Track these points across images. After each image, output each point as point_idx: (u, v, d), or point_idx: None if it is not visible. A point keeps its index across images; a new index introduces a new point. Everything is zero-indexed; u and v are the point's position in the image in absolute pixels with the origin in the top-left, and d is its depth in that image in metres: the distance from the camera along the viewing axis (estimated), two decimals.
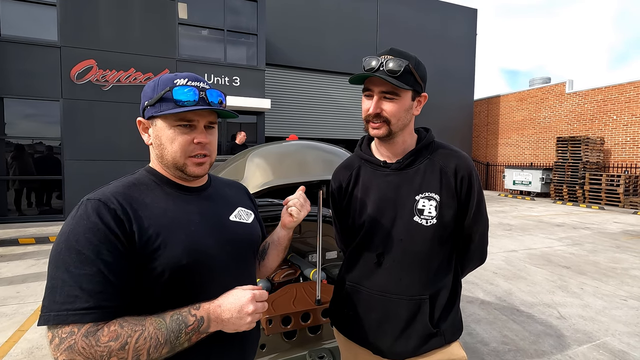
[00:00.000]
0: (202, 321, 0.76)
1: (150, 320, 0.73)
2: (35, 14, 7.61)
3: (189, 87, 0.84)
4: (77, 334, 0.68)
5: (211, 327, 0.78)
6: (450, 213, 1.09)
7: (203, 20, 9.07)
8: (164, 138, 0.86)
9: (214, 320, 0.77)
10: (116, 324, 0.71)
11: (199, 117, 0.86)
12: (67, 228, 0.75)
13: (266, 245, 1.13)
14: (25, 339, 2.90)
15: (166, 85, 0.84)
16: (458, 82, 15.69)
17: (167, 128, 0.85)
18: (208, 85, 0.88)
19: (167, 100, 0.83)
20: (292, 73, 12.74)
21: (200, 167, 0.88)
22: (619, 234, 7.32)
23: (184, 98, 0.83)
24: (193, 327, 0.75)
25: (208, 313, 0.77)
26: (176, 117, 0.84)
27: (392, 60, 1.00)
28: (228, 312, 0.77)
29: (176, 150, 0.85)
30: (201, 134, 0.87)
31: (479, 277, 4.51)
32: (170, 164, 0.88)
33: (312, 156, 1.69)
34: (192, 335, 0.75)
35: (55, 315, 0.69)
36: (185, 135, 0.85)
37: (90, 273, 0.71)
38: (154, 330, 0.72)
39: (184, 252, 0.81)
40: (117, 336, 0.69)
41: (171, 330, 0.73)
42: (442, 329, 1.10)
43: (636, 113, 11.99)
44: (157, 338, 0.72)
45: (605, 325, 3.23)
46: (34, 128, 7.71)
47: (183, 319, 0.75)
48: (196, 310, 0.77)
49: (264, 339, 1.62)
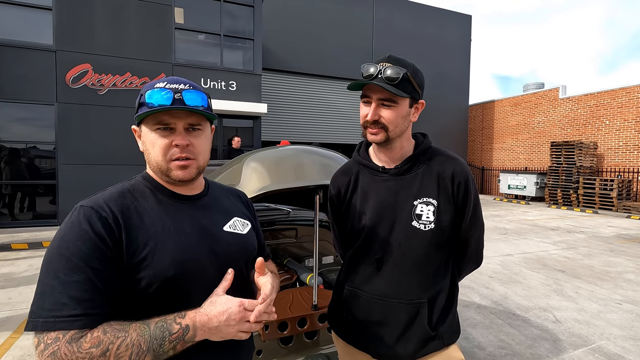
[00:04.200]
0: (187, 329, 0.74)
1: (134, 326, 0.72)
2: (30, 17, 7.58)
3: (165, 89, 0.83)
4: (61, 340, 0.68)
5: (197, 336, 0.75)
6: (448, 218, 1.10)
7: (199, 25, 9.08)
8: (147, 143, 0.86)
9: (200, 329, 0.75)
10: (100, 330, 0.70)
11: (175, 120, 0.84)
12: (60, 234, 0.75)
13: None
14: (17, 346, 2.86)
15: (145, 90, 0.85)
16: (453, 87, 15.84)
17: (149, 132, 0.85)
18: (191, 87, 0.86)
19: (143, 105, 0.84)
20: (289, 78, 12.78)
21: (184, 171, 0.85)
22: (613, 237, 7.38)
23: (155, 101, 0.82)
24: (177, 335, 0.73)
25: (194, 321, 0.75)
26: (154, 120, 0.84)
27: (390, 68, 1.01)
28: (215, 319, 0.75)
29: (157, 154, 0.85)
30: (179, 135, 0.85)
31: (475, 281, 4.52)
32: (156, 168, 0.87)
33: (309, 161, 1.69)
34: (176, 343, 0.73)
35: (44, 322, 0.68)
36: (163, 138, 0.84)
37: (79, 280, 0.71)
38: (136, 337, 0.71)
39: (172, 263, 0.80)
40: (98, 342, 0.68)
41: (154, 337, 0.72)
42: (440, 332, 1.11)
43: (628, 118, 12.14)
44: (139, 345, 0.70)
45: (601, 329, 3.24)
46: (28, 132, 7.64)
47: (167, 326, 0.73)
48: (181, 319, 0.75)
49: (260, 345, 1.61)
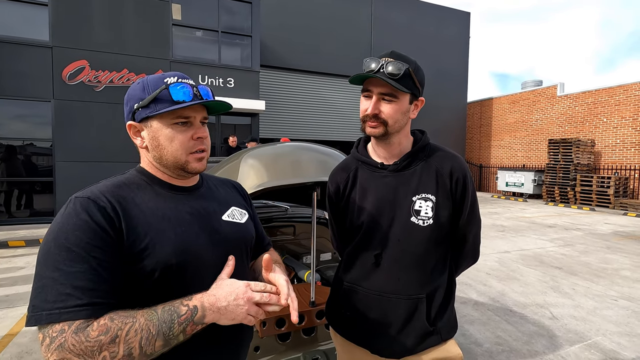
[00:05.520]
0: (195, 310, 0.73)
1: (141, 312, 0.71)
2: (26, 13, 7.52)
3: (183, 84, 0.84)
4: (67, 331, 0.66)
5: (207, 317, 0.74)
6: (446, 214, 1.10)
7: (197, 21, 9.03)
8: (162, 138, 0.85)
9: (209, 309, 0.74)
10: (106, 318, 0.69)
11: (195, 113, 0.87)
12: (56, 226, 0.73)
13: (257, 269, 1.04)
14: (15, 343, 2.85)
15: (157, 85, 0.84)
16: (451, 84, 15.82)
17: (164, 127, 0.84)
18: (194, 83, 0.90)
19: (162, 100, 0.83)
20: (287, 75, 12.74)
21: (200, 163, 0.89)
22: (610, 234, 7.42)
23: (181, 96, 0.83)
24: (186, 316, 0.72)
25: (202, 302, 0.75)
26: (173, 115, 0.84)
27: (392, 63, 1.01)
28: (224, 299, 0.75)
29: (177, 149, 0.85)
30: (199, 129, 0.88)
31: (473, 278, 4.54)
32: (171, 163, 0.87)
33: (307, 157, 1.69)
34: (186, 325, 0.72)
35: (48, 314, 0.67)
36: (184, 132, 0.85)
37: (82, 270, 0.70)
38: (144, 322, 0.70)
39: (173, 251, 0.80)
40: (106, 330, 0.67)
41: (163, 321, 0.71)
42: (438, 327, 1.12)
43: (625, 116, 12.18)
44: (148, 329, 0.69)
45: (597, 325, 3.26)
46: (24, 129, 7.60)
47: (175, 309, 0.73)
48: (188, 301, 0.75)
49: (258, 342, 1.61)
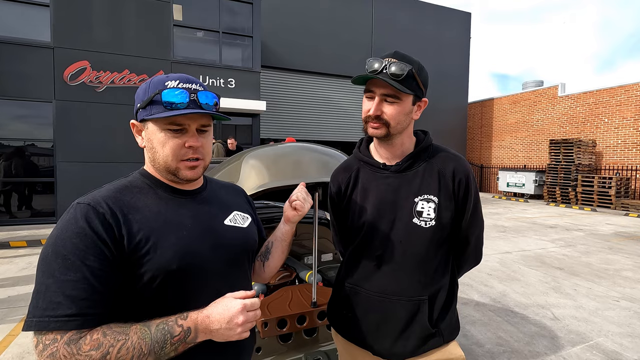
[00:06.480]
0: (189, 332, 0.74)
1: (134, 329, 0.71)
2: (28, 14, 7.53)
3: (180, 89, 0.82)
4: (59, 341, 0.67)
5: (199, 338, 0.75)
6: (448, 215, 1.10)
7: (198, 22, 9.04)
8: (155, 141, 0.84)
9: (202, 331, 0.75)
10: (99, 332, 0.69)
11: (189, 121, 0.84)
12: (56, 232, 0.74)
13: (269, 245, 1.11)
14: (16, 344, 2.86)
15: (157, 88, 0.82)
16: (452, 84, 15.82)
17: (158, 131, 0.83)
18: (202, 87, 0.86)
19: (157, 103, 0.81)
20: (288, 75, 12.75)
21: (193, 171, 0.87)
22: (611, 235, 7.40)
23: (174, 100, 0.81)
24: (179, 337, 0.73)
25: (196, 324, 0.75)
26: (166, 120, 0.82)
27: (396, 64, 1.00)
28: (217, 322, 0.75)
29: (167, 154, 0.84)
30: (192, 137, 0.85)
31: (474, 278, 4.54)
32: (162, 167, 0.86)
33: (308, 158, 1.69)
34: (178, 345, 0.73)
35: (38, 321, 0.67)
36: (176, 139, 0.83)
37: (75, 279, 0.70)
38: (137, 340, 0.70)
39: (175, 256, 0.80)
40: (98, 345, 0.67)
41: (155, 340, 0.71)
42: (440, 329, 1.11)
43: (627, 116, 12.16)
44: (140, 348, 0.70)
45: (599, 326, 3.26)
46: (26, 129, 7.61)
47: (169, 329, 0.73)
48: (183, 321, 0.74)
49: (259, 342, 1.61)
